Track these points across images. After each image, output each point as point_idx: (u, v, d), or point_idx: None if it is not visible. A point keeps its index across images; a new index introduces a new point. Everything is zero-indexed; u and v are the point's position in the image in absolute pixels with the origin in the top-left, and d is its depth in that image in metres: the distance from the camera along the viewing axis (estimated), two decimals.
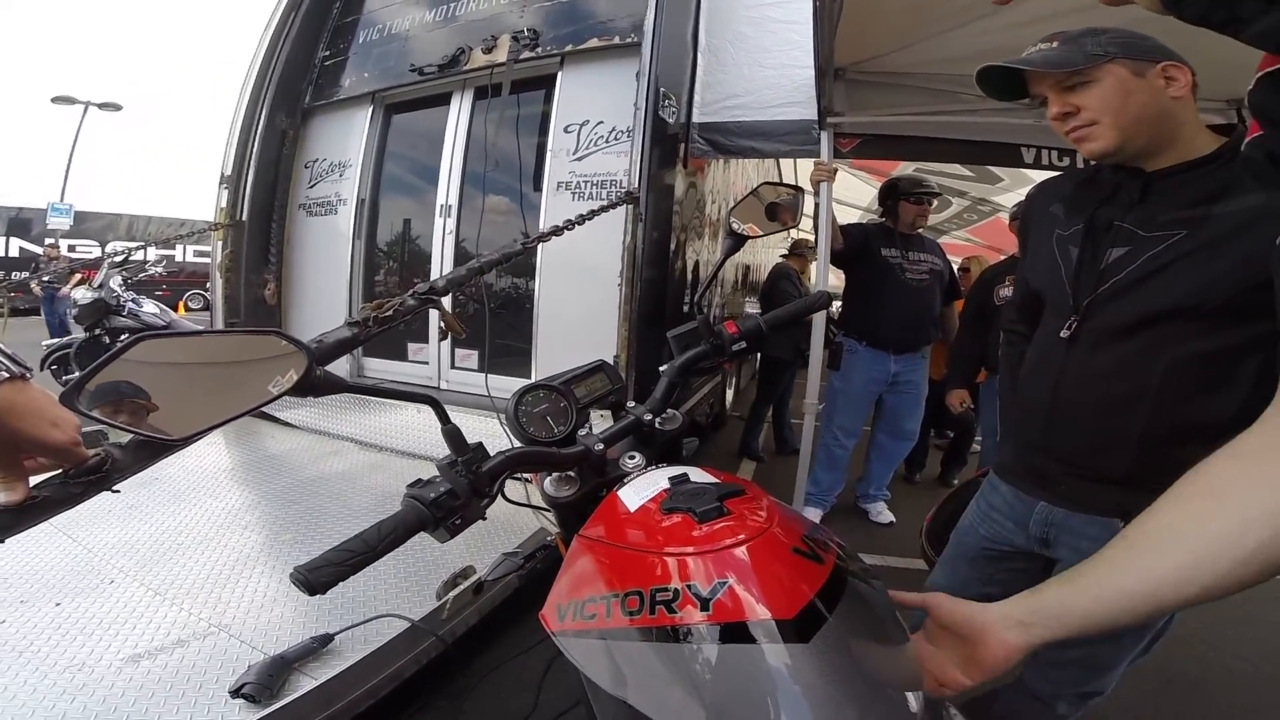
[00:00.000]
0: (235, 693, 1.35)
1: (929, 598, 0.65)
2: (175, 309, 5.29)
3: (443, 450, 0.71)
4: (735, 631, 0.50)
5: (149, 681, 1.39)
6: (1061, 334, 1.05)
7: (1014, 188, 4.99)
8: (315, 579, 0.56)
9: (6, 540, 0.62)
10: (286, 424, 3.24)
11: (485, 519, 0.70)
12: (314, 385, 0.56)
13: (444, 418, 0.68)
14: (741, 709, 0.49)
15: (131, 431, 0.51)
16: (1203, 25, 0.47)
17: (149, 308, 4.69)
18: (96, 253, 13.89)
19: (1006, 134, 2.75)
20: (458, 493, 0.64)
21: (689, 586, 0.53)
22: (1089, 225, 1.04)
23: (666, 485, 0.66)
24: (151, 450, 0.67)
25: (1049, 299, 1.13)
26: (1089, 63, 0.92)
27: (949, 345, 3.33)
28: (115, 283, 4.55)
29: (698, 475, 0.68)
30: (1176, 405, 0.93)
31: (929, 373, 3.26)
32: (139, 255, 5.33)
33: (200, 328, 3.02)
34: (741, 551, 0.55)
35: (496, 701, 1.75)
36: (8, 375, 0.58)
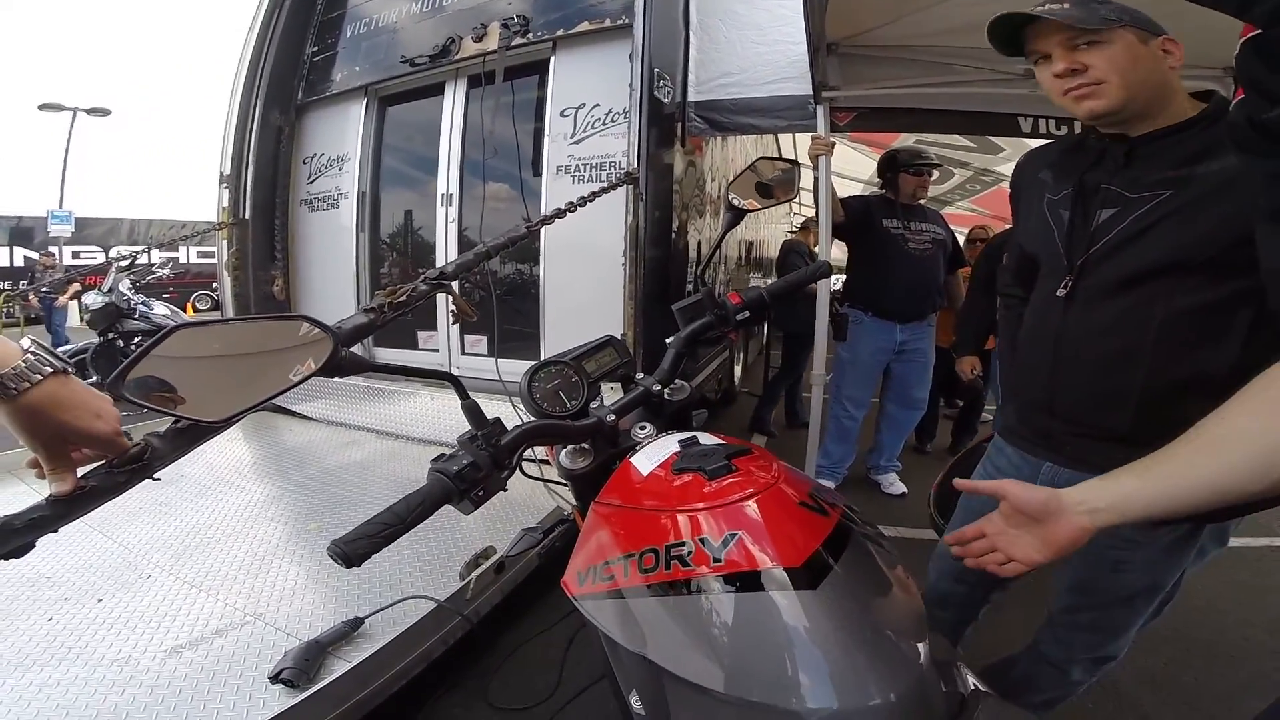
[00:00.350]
0: (274, 678, 1.40)
1: (1003, 484, 0.73)
2: (183, 310, 5.34)
3: (450, 436, 0.73)
4: (747, 580, 0.53)
5: (192, 671, 1.45)
6: (1058, 293, 1.07)
7: (1015, 157, 4.88)
8: (352, 551, 0.58)
9: (54, 533, 0.65)
10: (304, 417, 3.30)
11: (506, 490, 0.73)
12: (340, 366, 0.59)
13: (463, 393, 0.71)
14: (755, 655, 0.51)
15: (174, 416, 0.54)
16: (1202, 3, 0.49)
17: (159, 309, 4.75)
18: (100, 258, 13.98)
19: (1003, 104, 2.72)
20: (480, 465, 0.67)
21: (701, 541, 0.56)
22: (1078, 188, 1.07)
23: (677, 448, 0.69)
24: (189, 437, 0.71)
25: (1043, 261, 1.15)
26: (1104, 25, 0.94)
27: (955, 313, 3.34)
28: (124, 286, 4.61)
29: (706, 439, 0.71)
30: (1173, 358, 0.95)
31: (936, 341, 3.27)
32: (145, 258, 5.34)
33: (230, 317, 3.07)
34: (750, 505, 0.57)
35: (521, 679, 1.79)
36: (51, 370, 0.61)
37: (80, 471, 0.65)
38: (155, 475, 0.70)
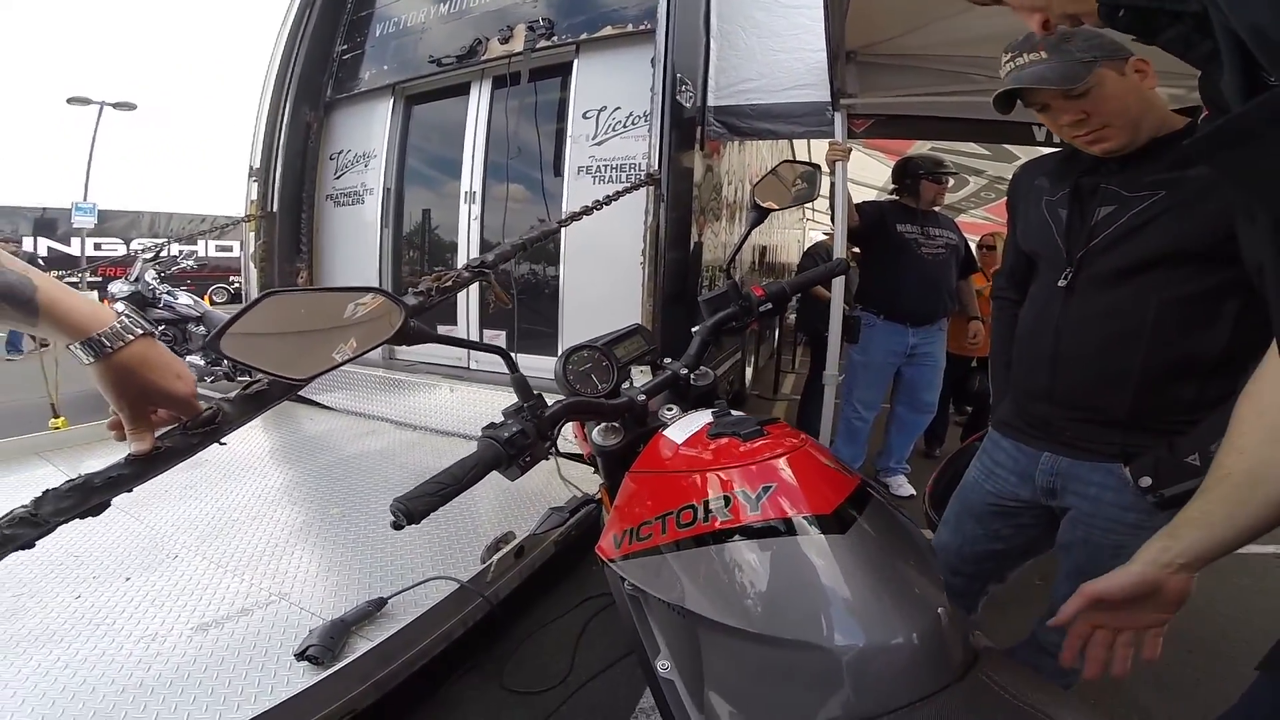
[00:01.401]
0: (300, 655, 1.43)
1: (1086, 589, 0.78)
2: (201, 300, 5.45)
3: (471, 429, 0.79)
4: (781, 528, 0.58)
5: (218, 648, 1.48)
6: (1059, 284, 1.12)
7: None
8: (413, 507, 0.63)
9: (129, 492, 0.71)
10: (324, 406, 3.37)
11: (548, 459, 0.78)
12: (408, 335, 0.65)
13: (513, 366, 0.77)
14: (788, 596, 0.56)
15: (263, 372, 0.60)
16: (1129, 33, 0.56)
17: (184, 299, 4.85)
18: (121, 250, 14.20)
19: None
20: (527, 433, 0.72)
21: (740, 493, 0.61)
22: (1075, 189, 1.13)
23: (710, 419, 0.74)
24: (257, 403, 0.77)
25: (1043, 257, 1.20)
26: (1087, 72, 1.00)
27: (966, 319, 3.38)
28: (150, 276, 4.71)
29: (734, 413, 0.77)
30: (1170, 342, 1.01)
31: (946, 346, 3.31)
32: (169, 250, 5.46)
33: (314, 286, 3.14)
34: (783, 462, 0.63)
35: (537, 663, 1.84)
36: (142, 331, 0.67)
37: (156, 434, 0.71)
38: (223, 440, 0.76)
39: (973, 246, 3.98)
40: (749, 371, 5.41)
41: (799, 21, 2.96)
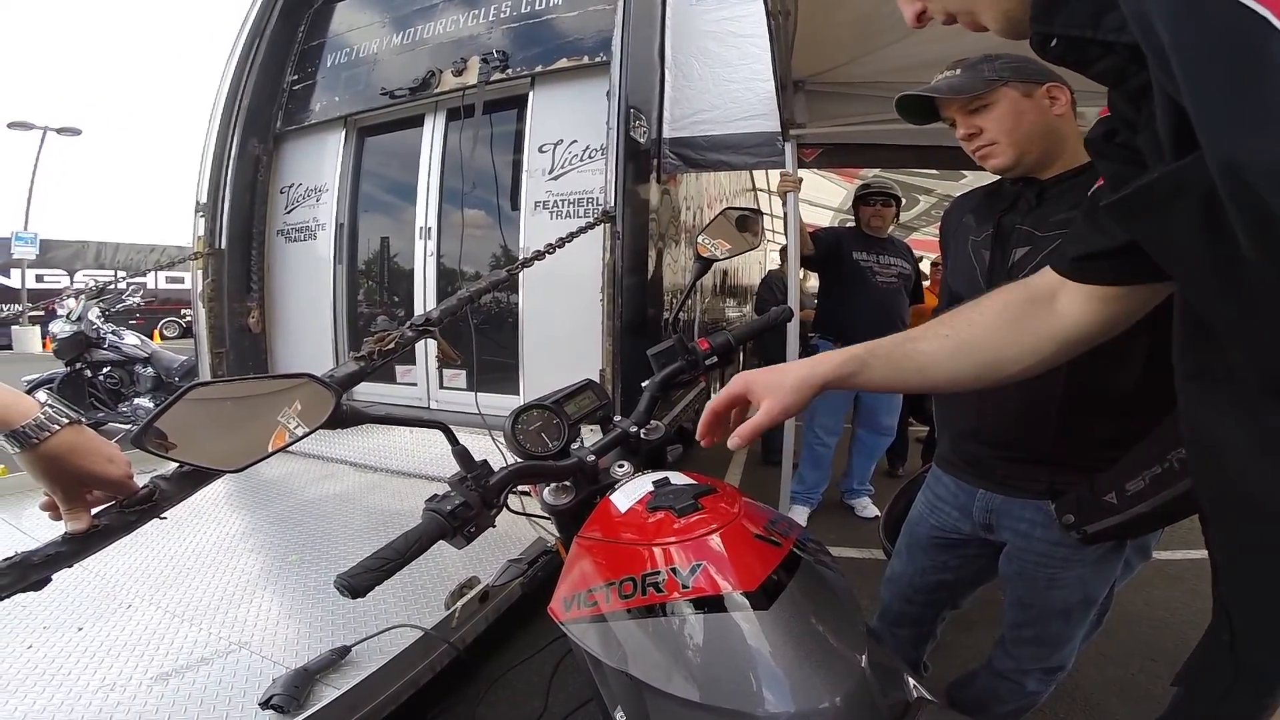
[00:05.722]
0: (265, 704, 1.39)
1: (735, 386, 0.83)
2: (150, 337, 5.24)
3: (433, 469, 0.79)
4: (711, 603, 0.61)
5: (179, 698, 1.44)
6: None
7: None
8: (357, 583, 0.64)
9: (69, 569, 0.70)
10: (281, 449, 3.27)
11: (495, 526, 0.78)
12: (341, 419, 0.65)
13: (453, 440, 0.77)
14: (721, 667, 0.59)
15: (193, 465, 0.59)
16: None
17: (130, 339, 4.65)
18: (65, 282, 13.67)
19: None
20: (470, 505, 0.73)
21: (672, 570, 0.64)
22: (995, 231, 1.18)
23: (650, 488, 0.76)
24: (194, 480, 0.76)
25: (968, 297, 1.26)
26: (986, 88, 1.06)
27: None
28: (94, 315, 4.50)
29: (677, 479, 0.78)
30: (1084, 380, 1.05)
31: None
32: (115, 285, 5.26)
33: (239, 376, 3.06)
34: (714, 538, 0.65)
35: (509, 705, 1.82)
36: (68, 421, 0.66)
37: (94, 511, 0.70)
38: (163, 514, 0.75)
39: (925, 265, 4.11)
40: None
41: (749, 51, 3.02)
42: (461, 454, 0.77)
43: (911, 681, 0.67)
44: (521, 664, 1.93)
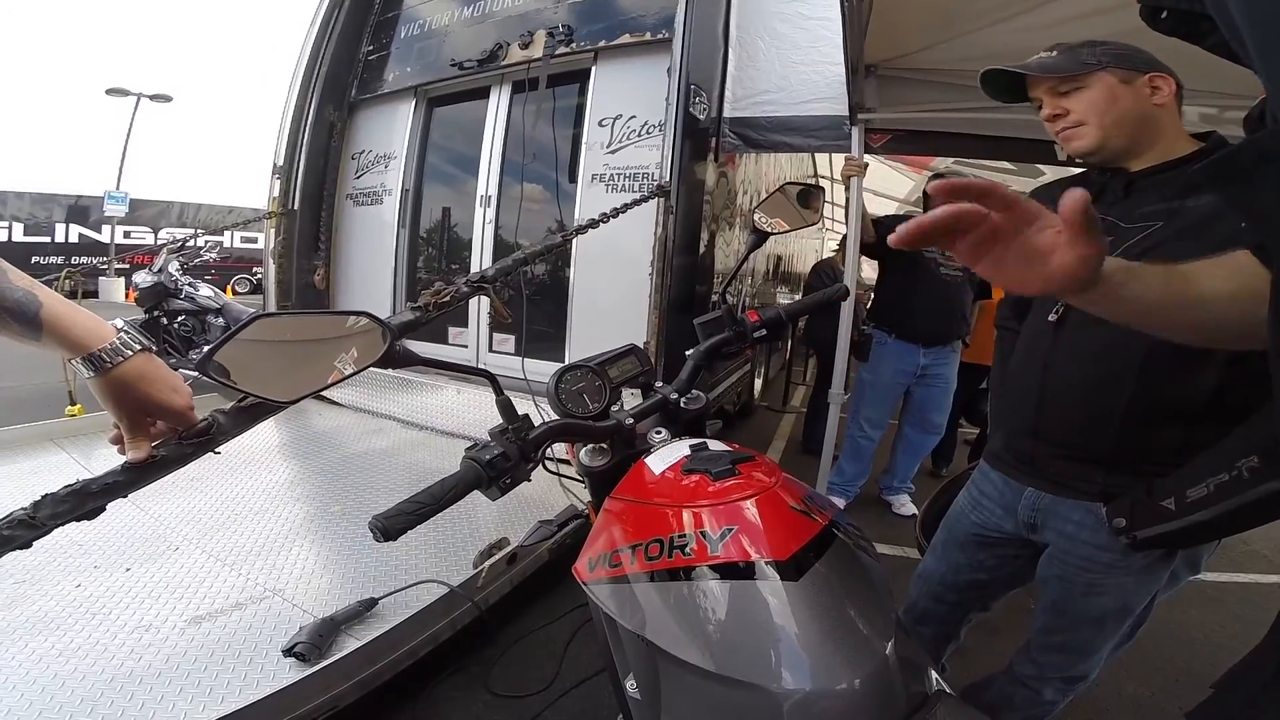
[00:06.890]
0: (288, 651, 1.46)
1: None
2: (224, 291, 5.53)
3: (476, 430, 0.80)
4: (739, 570, 0.59)
5: (209, 641, 1.51)
6: (1050, 318, 1.11)
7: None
8: (390, 525, 0.65)
9: (124, 498, 0.73)
10: (333, 402, 3.41)
11: (530, 481, 0.79)
12: (394, 358, 0.67)
13: (498, 390, 0.78)
14: (740, 637, 0.57)
15: (249, 395, 0.61)
16: (1173, 35, 0.54)
17: (204, 291, 4.92)
18: (150, 239, 14.52)
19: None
20: (509, 456, 0.73)
21: (702, 533, 0.62)
22: None
23: (687, 452, 0.74)
24: (251, 415, 0.79)
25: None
26: (1081, 70, 1.00)
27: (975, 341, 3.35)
28: (173, 268, 4.79)
29: (715, 445, 0.76)
30: (1157, 384, 0.99)
31: (963, 356, 3.27)
32: (195, 242, 5.55)
33: (302, 310, 3.20)
34: (748, 504, 0.64)
35: (523, 669, 1.86)
36: (140, 348, 0.69)
37: (154, 443, 0.74)
38: (218, 449, 0.79)
39: None
40: (758, 383, 5.39)
41: (820, 34, 2.93)
42: (505, 404, 0.78)
43: (934, 675, 0.65)
44: (539, 630, 1.99)
